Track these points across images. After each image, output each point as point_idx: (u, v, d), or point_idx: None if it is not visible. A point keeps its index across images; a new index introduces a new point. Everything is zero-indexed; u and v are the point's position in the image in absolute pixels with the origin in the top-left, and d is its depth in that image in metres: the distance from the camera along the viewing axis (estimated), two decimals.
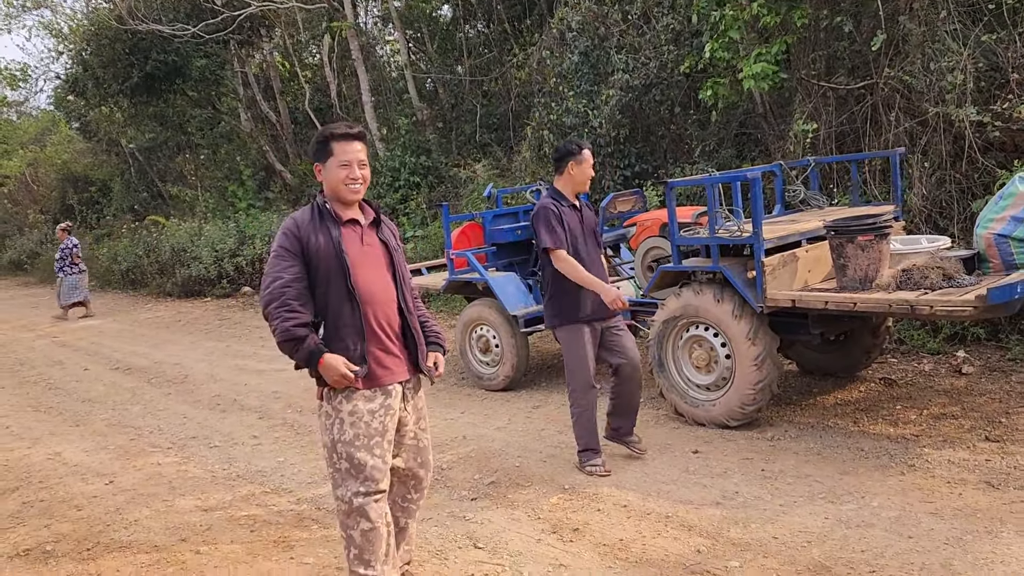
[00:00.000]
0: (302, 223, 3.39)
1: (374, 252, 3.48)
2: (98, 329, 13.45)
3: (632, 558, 3.97)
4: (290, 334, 3.26)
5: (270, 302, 3.31)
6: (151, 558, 4.46)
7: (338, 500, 3.40)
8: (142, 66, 17.94)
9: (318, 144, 3.45)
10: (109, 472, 6.01)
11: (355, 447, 3.34)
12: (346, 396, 3.36)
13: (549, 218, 4.94)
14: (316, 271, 3.35)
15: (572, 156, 5.01)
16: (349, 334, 3.36)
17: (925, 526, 3.96)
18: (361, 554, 3.38)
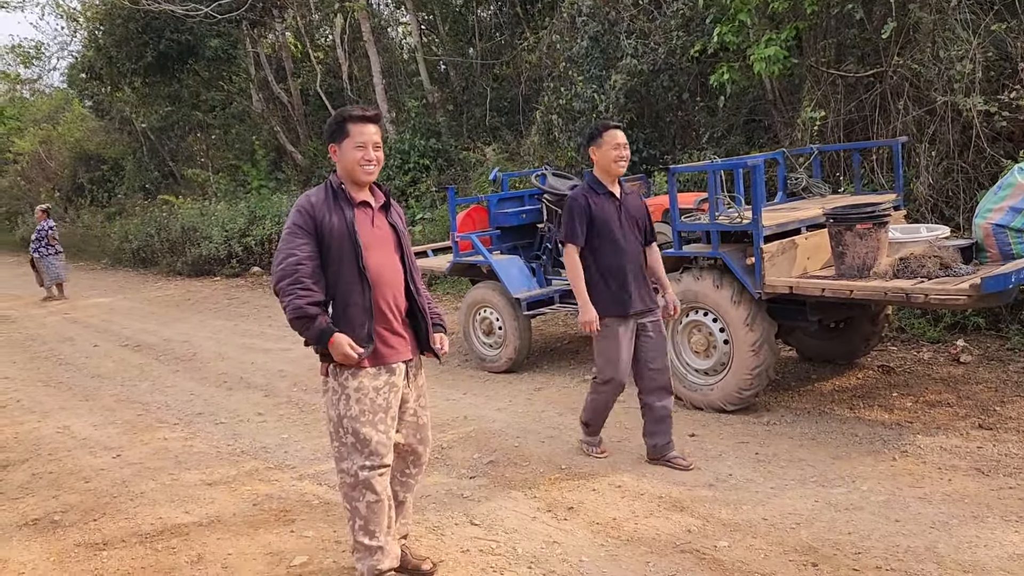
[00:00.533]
0: (316, 202, 3.45)
1: (384, 234, 3.55)
2: (109, 306, 13.59)
3: (624, 536, 4.05)
4: (302, 311, 3.33)
5: (283, 278, 3.37)
6: (155, 528, 4.57)
7: (343, 473, 3.49)
8: (155, 45, 18.01)
9: (334, 125, 3.50)
10: (116, 446, 6.12)
11: (360, 422, 3.43)
12: (352, 373, 3.44)
13: (571, 209, 4.71)
14: (328, 251, 3.41)
15: (592, 141, 4.75)
16: (358, 313, 3.43)
17: (913, 510, 4.03)
18: (367, 525, 3.48)
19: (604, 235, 4.67)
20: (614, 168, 4.67)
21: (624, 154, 4.66)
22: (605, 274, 4.69)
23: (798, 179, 6.72)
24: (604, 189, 4.73)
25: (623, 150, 4.65)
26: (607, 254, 4.68)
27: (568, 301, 7.16)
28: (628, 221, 4.73)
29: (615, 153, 4.65)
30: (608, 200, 4.72)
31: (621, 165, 4.67)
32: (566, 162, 11.17)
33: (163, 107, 21.84)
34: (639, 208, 4.83)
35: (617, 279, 4.68)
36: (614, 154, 4.65)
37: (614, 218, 4.68)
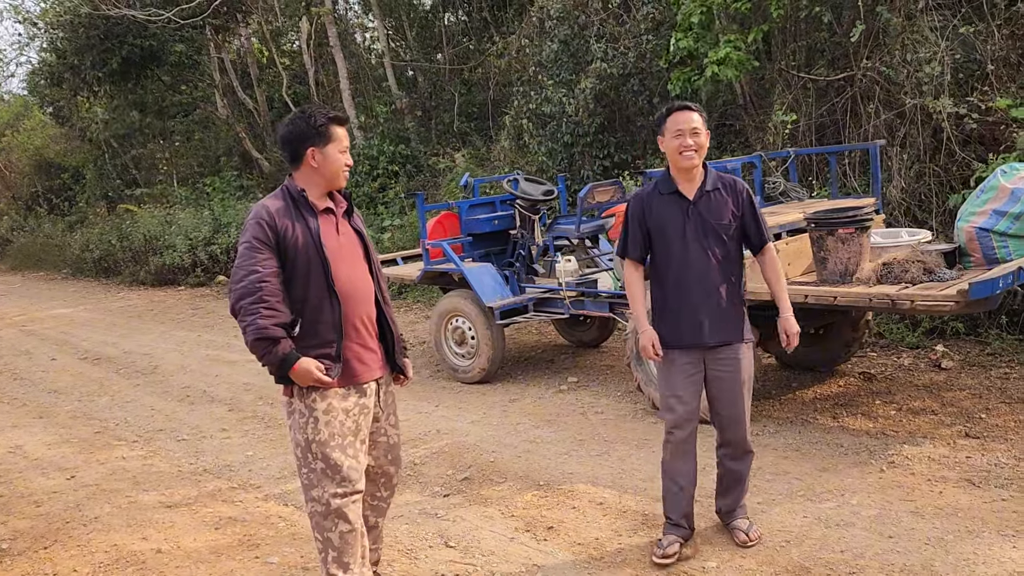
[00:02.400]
0: (276, 212, 3.16)
1: (350, 243, 3.32)
2: (68, 318, 13.20)
3: (607, 558, 3.87)
4: (265, 333, 3.05)
5: (243, 296, 3.08)
6: (110, 556, 4.32)
7: (313, 502, 3.24)
8: (118, 51, 17.61)
9: (319, 127, 3.20)
10: (71, 466, 5.84)
11: (331, 447, 3.20)
12: (320, 394, 3.20)
13: (628, 216, 3.90)
14: (293, 265, 3.16)
15: (660, 126, 3.78)
16: (327, 331, 3.20)
17: (906, 525, 3.89)
18: (340, 556, 3.24)
19: (662, 245, 3.79)
20: (680, 161, 3.70)
21: (690, 142, 3.66)
22: (665, 294, 3.81)
23: (775, 183, 6.60)
24: (671, 187, 3.78)
25: (688, 137, 3.66)
26: (666, 269, 3.79)
27: (542, 309, 6.99)
28: (700, 227, 3.72)
29: (678, 142, 3.67)
30: (673, 202, 3.77)
31: (687, 156, 3.67)
32: (537, 167, 11.01)
33: (127, 114, 21.39)
34: (723, 208, 3.76)
35: (677, 300, 3.77)
36: (676, 143, 3.68)
37: (677, 224, 3.74)
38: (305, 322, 3.17)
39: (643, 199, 3.83)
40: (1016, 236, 4.91)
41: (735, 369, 3.78)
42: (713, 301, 3.72)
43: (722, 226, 3.73)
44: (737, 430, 3.83)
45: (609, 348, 7.88)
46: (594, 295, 6.66)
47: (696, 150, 3.67)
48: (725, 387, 3.78)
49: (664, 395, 3.85)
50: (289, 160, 3.28)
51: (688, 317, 3.73)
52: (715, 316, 3.72)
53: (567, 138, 10.52)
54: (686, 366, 3.76)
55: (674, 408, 3.78)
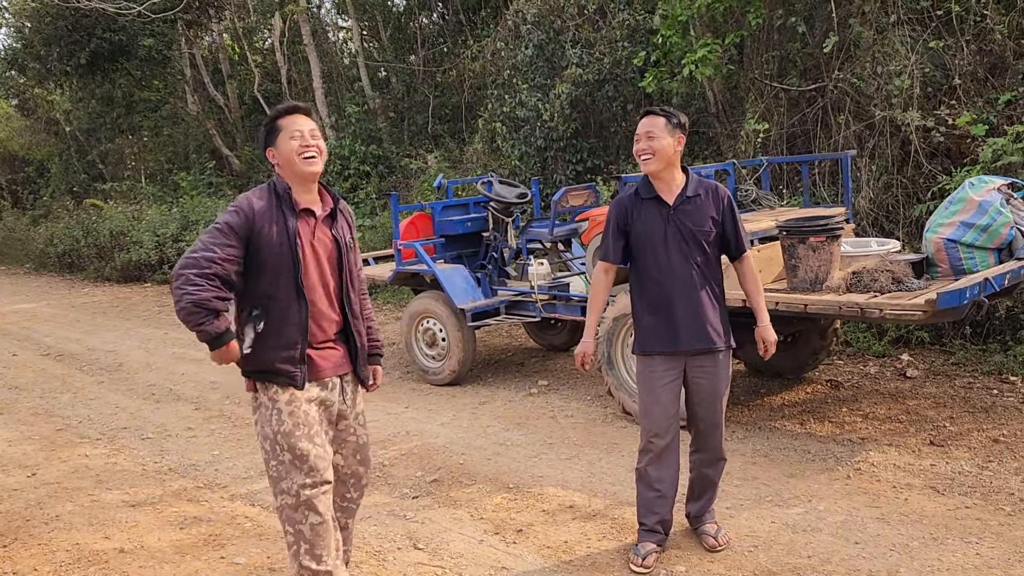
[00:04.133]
0: (257, 205, 3.14)
1: (324, 248, 3.26)
2: (31, 313, 12.97)
3: (576, 561, 3.87)
4: (207, 304, 2.99)
5: (192, 267, 3.00)
6: (71, 556, 4.23)
7: (283, 494, 3.19)
8: (86, 44, 17.35)
9: (267, 128, 3.23)
10: (32, 464, 5.73)
11: (296, 436, 3.15)
12: (282, 385, 3.17)
13: (607, 220, 3.84)
14: (263, 262, 3.12)
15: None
16: (294, 332, 3.16)
17: (872, 531, 3.93)
18: (312, 548, 3.19)
19: (642, 251, 3.74)
20: (640, 165, 3.72)
21: (643, 146, 3.65)
22: (647, 300, 3.77)
23: (748, 191, 6.65)
24: (651, 192, 3.74)
25: (643, 141, 3.65)
26: (646, 275, 3.75)
27: (514, 312, 6.99)
28: (681, 233, 3.68)
29: (636, 147, 3.70)
30: (653, 207, 3.73)
31: (643, 161, 3.68)
32: (509, 170, 11.01)
33: (94, 107, 21.08)
34: (703, 215, 3.71)
35: (657, 307, 3.72)
36: (636, 148, 3.71)
37: (658, 230, 3.69)
38: (271, 321, 3.14)
39: (624, 204, 3.79)
40: (983, 248, 4.99)
41: (715, 376, 3.76)
42: (694, 307, 3.69)
43: (702, 232, 3.70)
44: (714, 436, 3.84)
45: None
46: (566, 298, 6.67)
47: (652, 153, 3.64)
48: (704, 394, 3.77)
49: (645, 402, 3.79)
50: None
51: (669, 323, 3.70)
52: (696, 322, 3.69)
53: (540, 142, 10.54)
54: (666, 372, 3.73)
55: (655, 415, 3.74)
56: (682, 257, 3.68)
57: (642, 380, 3.81)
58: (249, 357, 3.17)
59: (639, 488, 3.86)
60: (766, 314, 3.83)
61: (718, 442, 3.87)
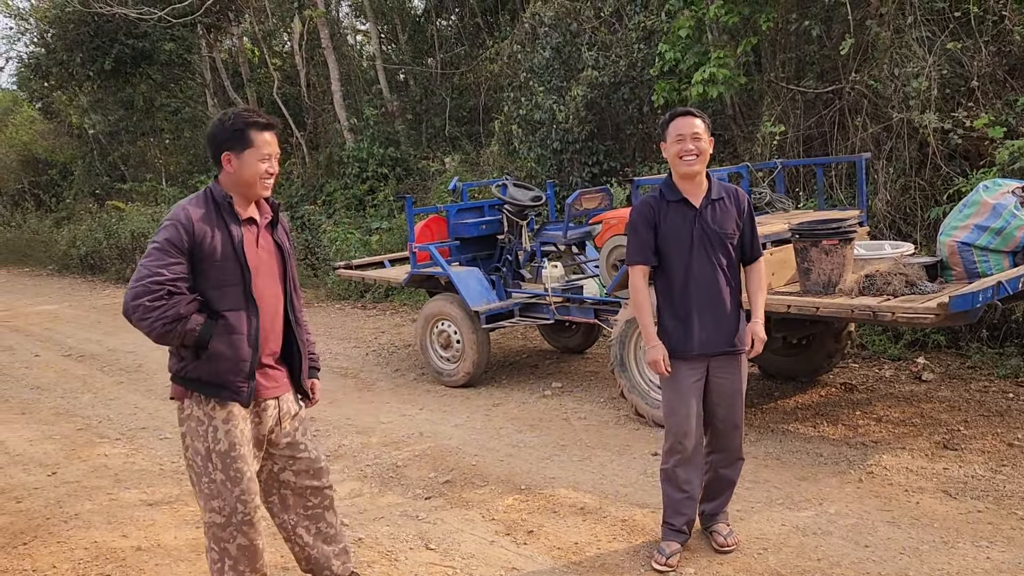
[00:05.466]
0: (196, 216, 3.01)
1: (268, 256, 3.20)
2: (53, 314, 13.14)
3: (586, 563, 3.89)
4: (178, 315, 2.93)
5: (143, 295, 2.90)
6: (90, 553, 4.31)
7: (212, 512, 3.10)
8: (108, 50, 17.54)
9: (233, 131, 3.08)
10: (53, 463, 5.82)
11: (232, 457, 3.07)
12: (220, 402, 3.08)
13: (633, 222, 3.81)
14: (206, 274, 3.03)
15: (662, 136, 3.76)
16: (243, 344, 3.08)
17: (882, 535, 3.93)
18: (236, 565, 3.16)
19: (668, 253, 3.74)
20: (680, 166, 3.67)
21: (690, 146, 3.62)
22: (671, 303, 3.77)
23: (762, 194, 6.65)
24: (676, 195, 3.74)
25: (689, 142, 3.62)
26: (671, 278, 3.75)
27: (528, 314, 7.02)
28: (707, 236, 3.70)
29: (678, 147, 3.64)
30: (679, 210, 3.73)
31: (687, 161, 3.63)
32: (526, 173, 11.05)
33: (115, 111, 21.31)
34: (728, 217, 3.75)
35: (681, 309, 3.74)
36: (677, 148, 3.65)
37: (684, 232, 3.70)
38: (220, 333, 3.05)
39: (652, 205, 3.77)
40: (997, 251, 4.97)
41: (736, 377, 3.80)
42: (719, 310, 3.72)
43: (727, 235, 3.73)
44: (734, 436, 3.87)
45: (593, 354, 7.91)
46: (579, 301, 6.68)
47: (697, 154, 3.63)
48: (725, 395, 3.79)
49: (671, 403, 3.80)
50: (214, 162, 3.16)
51: (695, 327, 3.71)
52: (720, 325, 3.72)
53: (556, 144, 10.56)
54: (690, 374, 3.75)
55: (682, 417, 3.75)
56: (707, 260, 3.70)
57: (668, 382, 3.80)
58: (196, 366, 3.07)
59: (666, 488, 3.88)
60: (762, 313, 3.86)
61: (738, 442, 3.90)
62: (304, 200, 15.55)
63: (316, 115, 17.57)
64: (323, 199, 15.24)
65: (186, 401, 3.12)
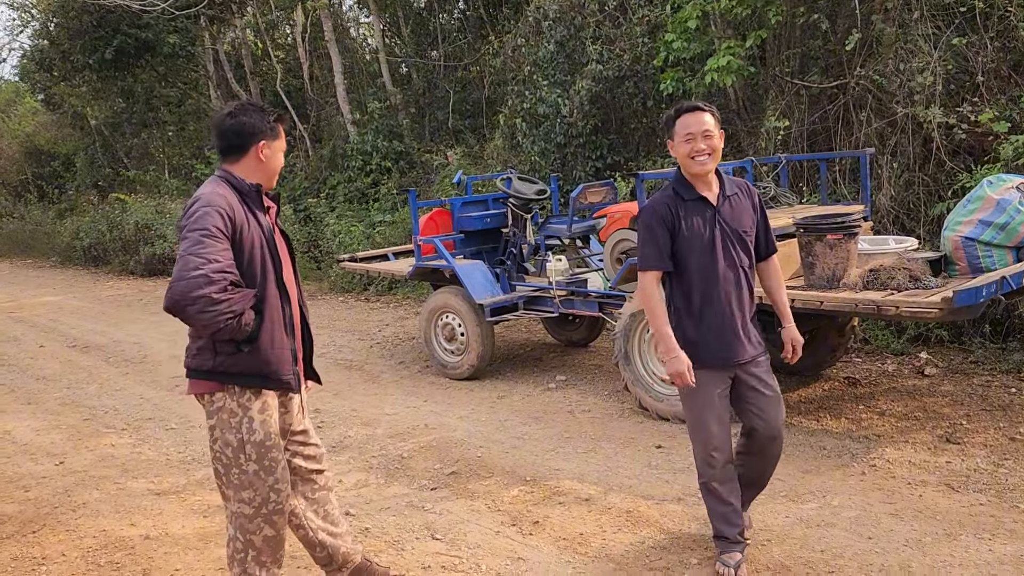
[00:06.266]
0: (234, 204, 3.03)
1: (283, 245, 3.28)
2: (57, 305, 13.17)
3: (592, 553, 3.92)
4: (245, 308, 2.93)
5: (205, 285, 2.81)
6: (98, 542, 4.35)
7: (242, 503, 3.13)
8: (110, 40, 17.55)
9: (272, 122, 3.17)
10: (60, 452, 5.86)
11: (266, 447, 3.11)
12: (255, 392, 3.10)
13: (646, 224, 3.52)
14: (250, 261, 3.04)
15: (667, 132, 3.54)
16: (283, 333, 3.13)
17: (885, 527, 3.96)
18: (259, 555, 3.20)
19: (688, 256, 3.48)
20: (692, 167, 3.44)
21: (702, 146, 3.40)
22: (693, 310, 3.52)
23: (766, 188, 6.67)
24: (693, 193, 3.49)
25: (700, 140, 3.40)
26: (692, 282, 3.49)
27: (532, 307, 7.04)
28: (727, 236, 3.48)
29: (689, 147, 3.41)
30: (698, 209, 3.48)
31: (700, 162, 3.42)
32: (529, 166, 11.06)
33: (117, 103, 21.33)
34: (744, 213, 3.54)
35: (708, 316, 3.49)
36: (687, 148, 3.42)
37: (704, 233, 3.46)
38: (263, 321, 3.06)
39: (668, 205, 3.49)
40: (1001, 246, 4.99)
41: (769, 382, 3.60)
42: (743, 313, 3.53)
43: (747, 234, 3.53)
44: (771, 447, 3.66)
45: (597, 348, 7.94)
46: (584, 295, 6.71)
47: (710, 154, 3.42)
48: (762, 401, 3.57)
49: (700, 415, 3.56)
50: (230, 151, 3.15)
51: (721, 333, 3.49)
52: (746, 329, 3.53)
53: (560, 138, 10.58)
54: (717, 382, 3.54)
55: (713, 429, 3.54)
56: (729, 261, 3.48)
57: (692, 395, 3.56)
58: (236, 360, 3.05)
59: (709, 502, 3.69)
60: (790, 313, 3.68)
61: (776, 452, 3.69)
62: (307, 193, 15.58)
63: (319, 108, 17.58)
64: (326, 192, 15.26)
65: (217, 394, 3.10)
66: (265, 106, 3.25)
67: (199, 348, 3.10)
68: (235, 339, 2.99)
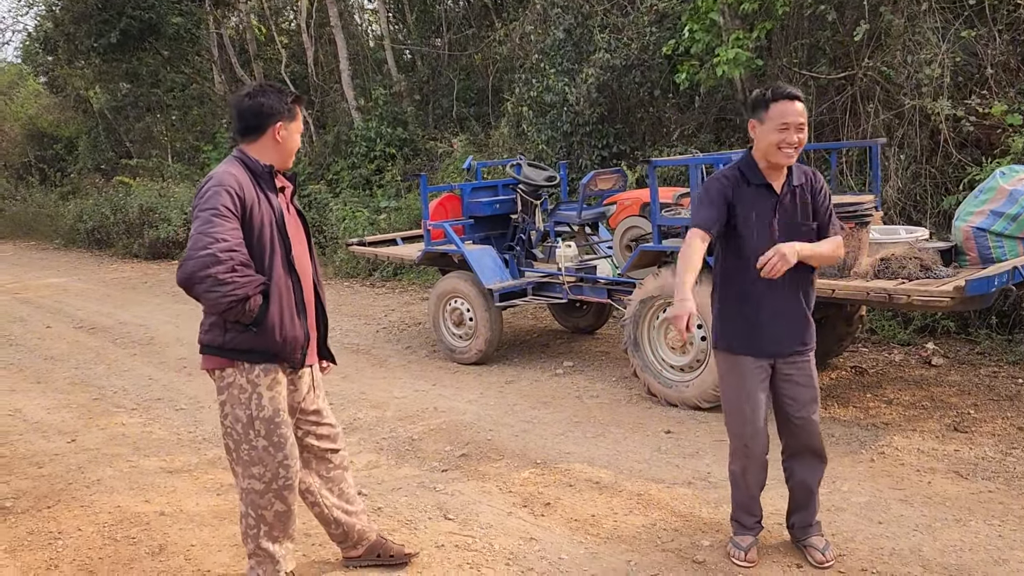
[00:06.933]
0: (244, 183, 3.06)
1: (297, 225, 3.30)
2: (62, 287, 13.19)
3: (603, 534, 3.96)
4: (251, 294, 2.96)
5: (212, 264, 2.87)
6: (113, 517, 4.38)
7: (252, 479, 3.18)
8: (115, 23, 17.52)
9: (291, 104, 3.21)
10: (71, 430, 5.89)
11: (275, 423, 3.15)
12: (264, 369, 3.13)
13: (709, 189, 3.43)
14: (259, 240, 3.07)
15: (755, 112, 3.36)
16: (292, 312, 3.16)
17: (895, 512, 4.00)
18: (271, 531, 3.25)
19: (743, 240, 3.40)
20: (778, 157, 3.31)
21: (795, 139, 3.27)
22: (738, 294, 3.47)
23: None
24: (760, 178, 3.39)
25: (794, 132, 3.27)
26: (744, 267, 3.40)
27: (541, 293, 7.07)
28: (787, 225, 3.39)
29: (780, 137, 3.28)
30: (761, 195, 3.39)
31: (787, 155, 3.30)
32: (535, 155, 11.07)
33: (121, 86, 21.30)
34: (807, 206, 3.43)
35: (756, 305, 3.42)
36: (778, 138, 3.28)
37: (764, 220, 3.38)
38: (271, 300, 3.08)
39: (730, 180, 3.40)
40: (1012, 236, 5.02)
41: (811, 374, 3.52)
42: (793, 306, 3.44)
43: (808, 226, 3.42)
44: (814, 438, 3.59)
45: (604, 335, 7.97)
46: (592, 281, 6.74)
47: (798, 147, 3.30)
48: (802, 396, 3.51)
49: (734, 403, 3.55)
50: (248, 132, 3.19)
51: (767, 323, 3.42)
52: (792, 322, 3.45)
53: (567, 127, 10.58)
54: (757, 371, 3.48)
55: (747, 418, 3.51)
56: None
57: (730, 380, 3.55)
58: (245, 338, 3.08)
59: (735, 490, 3.71)
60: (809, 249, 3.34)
61: (818, 442, 3.60)
62: (311, 179, 15.58)
63: (323, 94, 17.57)
64: (330, 178, 15.27)
65: (228, 370, 3.13)
66: (283, 87, 3.28)
67: (211, 324, 3.14)
68: (240, 321, 3.04)
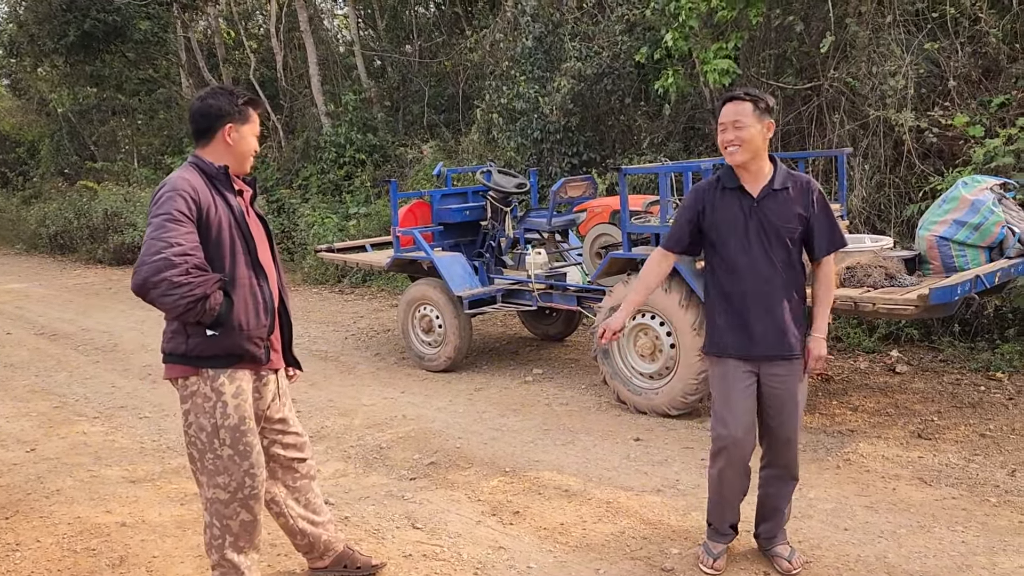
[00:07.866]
0: (198, 186, 2.99)
1: (257, 228, 3.24)
2: (23, 293, 12.96)
3: (572, 542, 3.95)
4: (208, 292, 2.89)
5: (165, 269, 2.81)
6: (73, 528, 4.29)
7: (217, 488, 3.10)
8: (80, 24, 17.29)
9: (241, 105, 3.14)
10: (31, 439, 5.78)
11: (241, 432, 3.08)
12: (229, 376, 3.07)
13: (681, 207, 3.56)
14: (217, 243, 3.00)
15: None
16: (262, 312, 3.11)
17: (861, 519, 4.03)
18: (237, 541, 3.18)
19: (720, 244, 3.44)
20: (725, 156, 3.40)
21: (730, 137, 3.33)
22: (721, 297, 3.49)
23: None
24: (733, 182, 3.43)
25: (730, 131, 3.32)
26: (723, 272, 3.46)
27: (510, 300, 7.05)
28: (763, 228, 3.37)
29: (720, 137, 3.38)
30: (735, 198, 3.42)
31: (729, 152, 3.36)
32: (505, 161, 11.08)
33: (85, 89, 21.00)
34: (789, 210, 3.38)
35: (735, 305, 3.44)
36: (720, 138, 3.40)
37: (738, 223, 3.40)
38: (238, 302, 3.03)
39: (703, 192, 3.50)
40: (974, 246, 5.10)
41: (791, 384, 3.45)
42: (772, 309, 3.39)
43: (787, 229, 3.37)
44: (786, 452, 3.55)
45: (574, 342, 7.98)
46: (562, 288, 6.74)
47: (739, 144, 3.31)
48: (779, 404, 3.46)
49: (720, 406, 3.51)
50: (199, 134, 3.14)
51: (748, 326, 3.42)
52: (773, 325, 3.40)
53: (536, 134, 10.60)
54: (743, 375, 3.46)
55: (730, 421, 3.46)
56: (763, 254, 3.38)
57: (716, 383, 3.54)
58: (207, 343, 3.02)
59: (712, 492, 3.65)
60: (824, 325, 3.48)
61: (791, 458, 3.56)
62: (280, 184, 15.47)
63: (293, 99, 17.45)
64: (299, 183, 15.17)
65: (191, 378, 3.07)
66: (235, 89, 3.20)
67: (173, 332, 3.08)
68: (202, 322, 2.96)
